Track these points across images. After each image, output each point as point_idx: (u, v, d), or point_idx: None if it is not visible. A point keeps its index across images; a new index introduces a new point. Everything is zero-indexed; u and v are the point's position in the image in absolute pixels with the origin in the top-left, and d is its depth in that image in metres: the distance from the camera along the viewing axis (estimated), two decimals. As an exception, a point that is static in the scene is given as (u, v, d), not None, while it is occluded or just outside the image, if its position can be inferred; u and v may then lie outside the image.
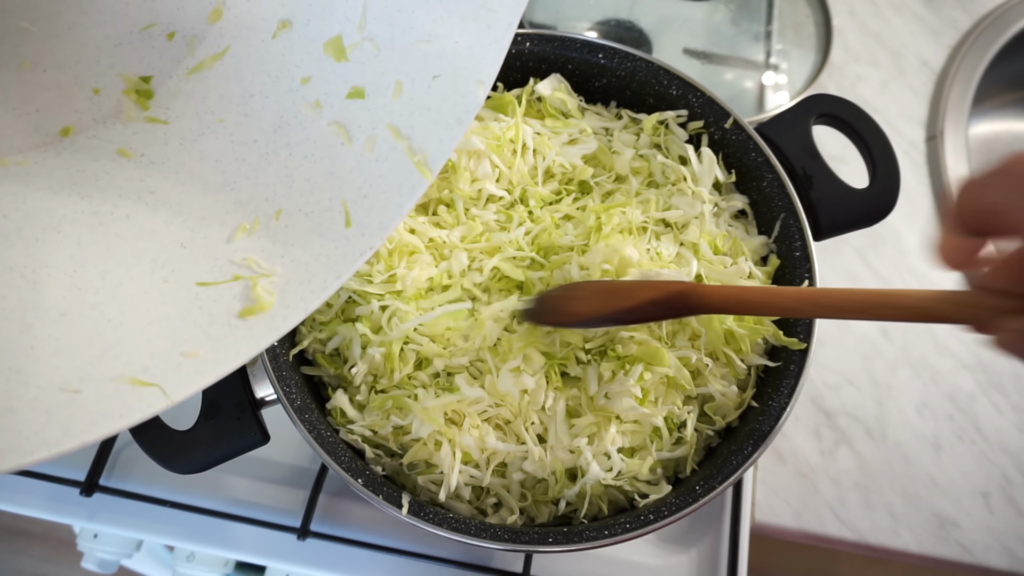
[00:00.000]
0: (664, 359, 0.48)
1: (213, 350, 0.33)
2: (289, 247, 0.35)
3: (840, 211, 0.54)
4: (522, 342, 0.49)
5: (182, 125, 0.37)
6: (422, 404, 0.48)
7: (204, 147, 0.36)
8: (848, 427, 0.68)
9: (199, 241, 0.35)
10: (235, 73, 0.37)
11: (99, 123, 0.36)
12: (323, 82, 0.37)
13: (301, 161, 0.36)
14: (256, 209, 0.36)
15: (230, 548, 0.60)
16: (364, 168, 0.36)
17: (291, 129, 0.37)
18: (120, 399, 0.31)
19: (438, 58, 0.35)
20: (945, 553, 0.64)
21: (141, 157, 0.36)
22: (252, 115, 0.37)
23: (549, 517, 0.50)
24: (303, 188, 0.36)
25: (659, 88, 0.58)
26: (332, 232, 0.35)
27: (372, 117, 0.36)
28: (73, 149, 0.35)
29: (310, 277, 0.35)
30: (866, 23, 0.90)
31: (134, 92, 0.36)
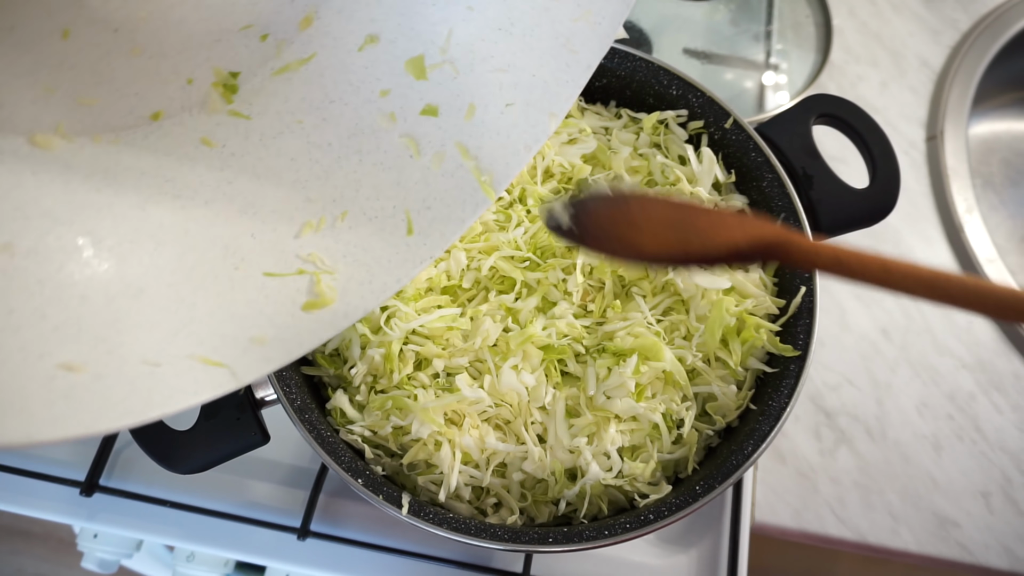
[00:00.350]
0: (660, 353, 0.48)
1: (278, 338, 0.35)
2: (352, 248, 0.37)
3: (840, 211, 0.54)
4: (520, 339, 0.49)
5: (263, 122, 0.38)
6: (422, 404, 0.48)
7: (282, 145, 0.38)
8: (848, 427, 0.68)
9: (268, 233, 0.37)
10: (318, 79, 0.39)
11: (186, 111, 0.37)
12: (400, 96, 0.38)
13: (370, 168, 0.38)
14: (324, 209, 0.38)
15: (230, 548, 0.60)
16: (429, 181, 0.38)
17: (364, 137, 0.38)
18: (193, 376, 0.33)
19: (513, 87, 0.37)
20: (945, 553, 0.64)
21: (222, 148, 0.37)
22: (330, 120, 0.39)
23: (549, 517, 0.50)
24: (369, 193, 0.38)
25: (659, 88, 0.58)
26: (394, 238, 0.37)
27: (442, 135, 0.38)
28: (160, 133, 0.37)
29: (371, 278, 0.36)
30: (866, 23, 0.90)
31: (222, 86, 0.38)
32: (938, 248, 0.78)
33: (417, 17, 0.38)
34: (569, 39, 0.36)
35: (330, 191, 0.38)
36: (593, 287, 0.53)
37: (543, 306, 0.52)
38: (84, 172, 0.35)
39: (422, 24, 0.38)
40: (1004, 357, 0.72)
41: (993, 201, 0.91)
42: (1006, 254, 0.82)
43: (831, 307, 0.74)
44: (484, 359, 0.50)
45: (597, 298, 0.52)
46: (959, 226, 0.77)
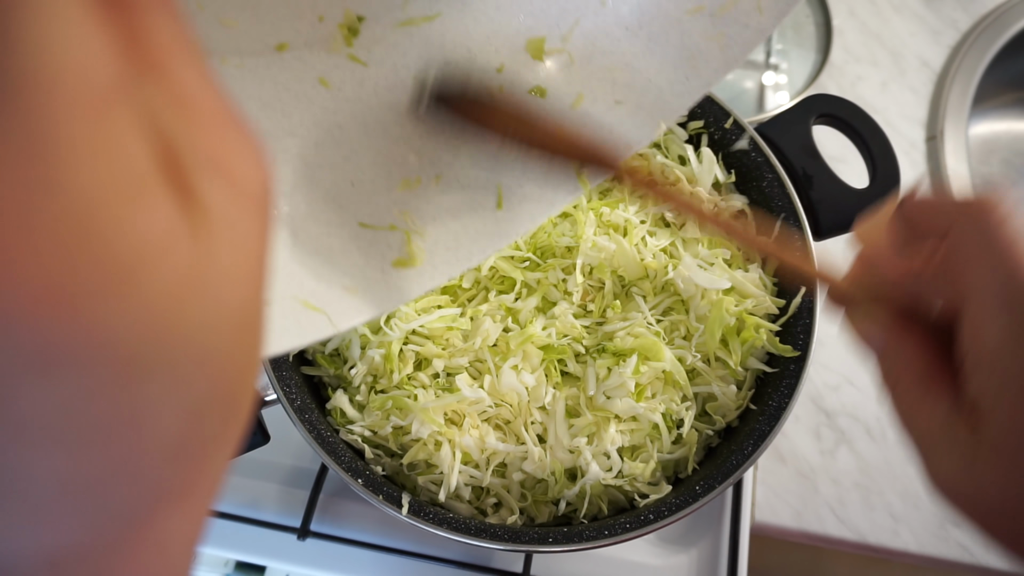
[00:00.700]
0: (660, 353, 0.48)
1: (368, 290, 0.35)
2: (443, 212, 0.38)
3: (840, 211, 0.54)
4: (520, 339, 0.49)
5: (379, 72, 0.38)
6: (422, 404, 0.48)
7: (393, 99, 0.38)
8: (848, 427, 0.68)
9: (367, 184, 0.37)
10: (439, 38, 0.39)
11: (308, 47, 0.37)
12: (513, 72, 0.39)
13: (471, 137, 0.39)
14: (421, 170, 0.38)
15: (230, 548, 0.60)
16: (525, 161, 0.38)
17: None
18: (297, 318, 0.33)
19: (626, 87, 0.37)
20: (945, 553, 0.64)
21: (338, 91, 0.38)
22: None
23: (549, 517, 0.50)
24: (466, 163, 0.38)
25: (659, 88, 0.58)
26: (484, 210, 0.38)
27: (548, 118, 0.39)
28: (281, 65, 0.37)
29: (457, 245, 0.37)
30: (866, 23, 0.90)
31: (346, 28, 0.38)
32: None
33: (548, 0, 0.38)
34: (695, 54, 0.36)
35: (429, 154, 0.38)
36: (593, 287, 0.53)
37: (543, 306, 0.52)
38: None
39: (551, 7, 0.38)
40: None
41: (993, 201, 0.91)
42: (1006, 254, 0.81)
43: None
44: (484, 359, 0.50)
45: (597, 298, 0.52)
46: (959, 226, 0.77)
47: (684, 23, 0.36)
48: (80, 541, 0.13)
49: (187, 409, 0.13)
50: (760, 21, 0.35)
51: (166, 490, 0.14)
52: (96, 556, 0.13)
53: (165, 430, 0.13)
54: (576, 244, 0.52)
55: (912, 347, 0.28)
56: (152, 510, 0.14)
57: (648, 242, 0.53)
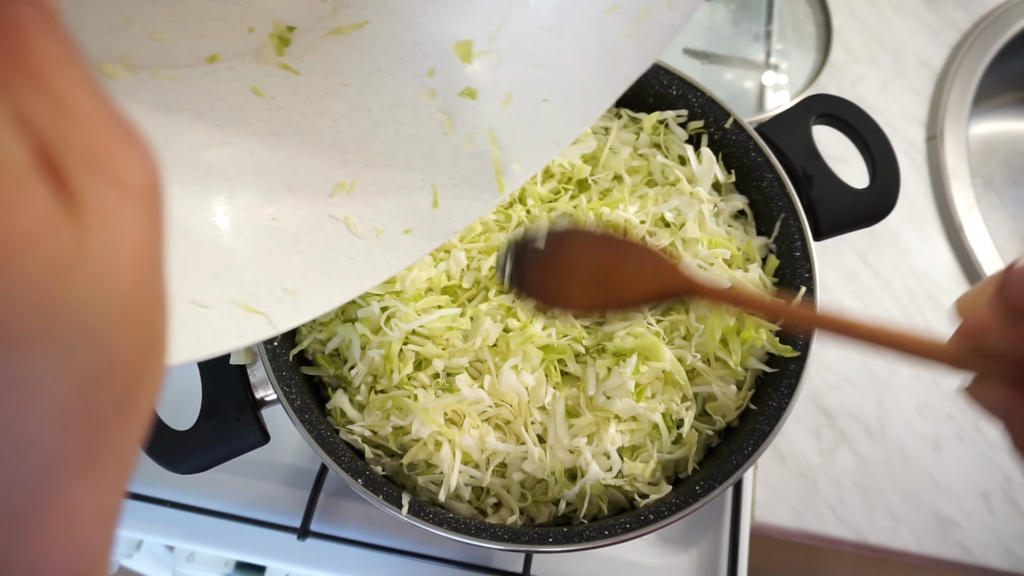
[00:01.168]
0: (660, 353, 0.48)
1: (309, 291, 0.36)
2: (380, 213, 0.38)
3: (840, 211, 0.54)
4: (520, 339, 0.49)
5: (311, 80, 0.39)
6: (422, 404, 0.48)
7: (326, 105, 0.39)
8: (848, 427, 0.68)
9: (304, 189, 0.38)
10: (369, 45, 0.40)
11: (240, 58, 0.38)
12: (443, 75, 0.40)
13: (405, 139, 0.40)
14: (357, 172, 0.39)
15: (230, 548, 0.60)
16: (459, 160, 0.39)
17: (404, 108, 0.40)
18: (236, 320, 0.34)
19: (552, 86, 0.38)
20: (945, 553, 0.64)
21: (271, 100, 0.39)
22: (374, 87, 0.40)
23: (549, 517, 0.50)
24: (401, 163, 0.39)
25: (659, 88, 0.58)
26: (420, 209, 0.38)
27: (477, 118, 0.39)
28: (214, 76, 0.38)
29: (395, 244, 0.38)
30: (866, 23, 0.90)
31: (277, 38, 0.39)
32: (938, 248, 0.78)
33: (473, 3, 0.39)
34: (614, 51, 0.37)
35: (365, 156, 0.39)
36: (593, 287, 0.53)
37: (543, 306, 0.52)
38: (146, 107, 0.35)
39: (476, 11, 0.39)
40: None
41: (993, 201, 0.91)
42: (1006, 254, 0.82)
43: (831, 307, 0.74)
44: (484, 359, 0.50)
45: (597, 298, 0.52)
46: (959, 226, 0.77)
47: (602, 22, 0.37)
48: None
49: (74, 380, 0.14)
50: (671, 17, 0.36)
51: (63, 459, 0.15)
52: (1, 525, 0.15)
53: (53, 399, 0.14)
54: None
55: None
56: (51, 479, 0.15)
57: (648, 242, 0.53)
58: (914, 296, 0.75)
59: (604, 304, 0.40)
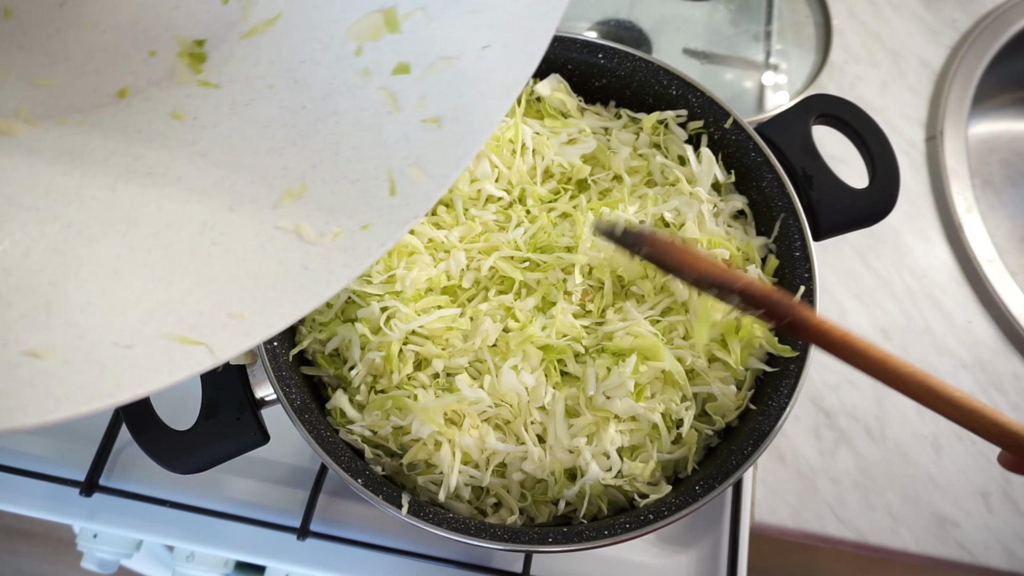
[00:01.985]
0: (660, 353, 0.48)
1: (258, 312, 0.34)
2: (334, 214, 0.36)
3: (840, 211, 0.54)
4: (519, 339, 0.49)
5: (234, 89, 0.37)
6: (422, 404, 0.48)
7: (255, 112, 0.37)
8: (848, 427, 0.69)
9: (247, 205, 0.36)
10: (287, 39, 0.37)
11: (154, 85, 0.36)
12: (373, 50, 0.37)
13: (348, 128, 0.37)
14: (303, 175, 0.36)
15: (230, 548, 0.60)
16: (411, 137, 0.36)
17: (340, 96, 0.37)
18: (170, 356, 0.32)
19: (489, 28, 0.36)
20: (945, 553, 0.64)
21: (194, 120, 0.36)
22: (302, 81, 0.37)
23: (549, 517, 0.50)
24: (350, 155, 0.36)
25: (659, 88, 0.58)
26: (377, 200, 0.36)
27: (420, 86, 0.36)
28: (129, 111, 0.36)
29: (353, 244, 0.35)
30: (866, 23, 0.90)
31: (188, 55, 0.37)
32: (937, 248, 0.78)
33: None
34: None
35: (308, 156, 0.36)
36: (592, 287, 0.53)
37: (543, 306, 0.52)
38: (49, 155, 0.33)
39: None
40: (1004, 357, 0.72)
41: (992, 201, 0.91)
42: (1005, 254, 0.82)
43: (831, 307, 0.74)
44: (484, 359, 0.50)
45: (596, 298, 0.52)
46: (959, 226, 0.77)
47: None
48: None
49: None
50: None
51: None
52: None
53: None
54: (575, 244, 0.52)
55: None
56: None
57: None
58: (913, 296, 0.75)
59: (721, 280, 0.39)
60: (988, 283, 0.74)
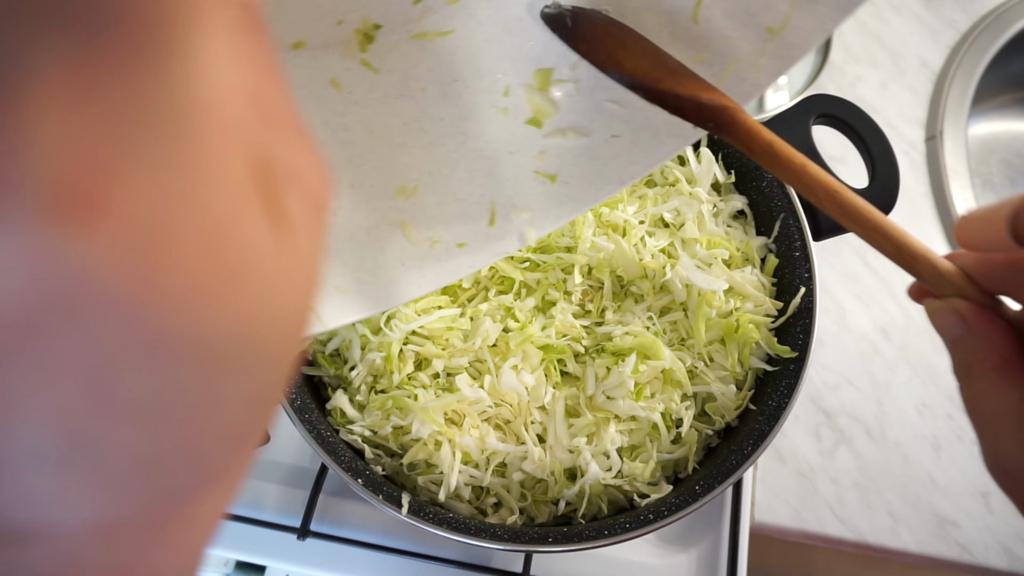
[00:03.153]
0: (659, 352, 0.48)
1: (358, 292, 0.36)
2: (436, 223, 0.38)
3: (839, 211, 0.54)
4: (519, 339, 0.49)
5: (389, 80, 0.39)
6: (422, 404, 0.48)
7: (400, 107, 0.39)
8: (848, 427, 0.69)
9: (366, 188, 0.38)
10: (450, 55, 0.40)
11: (324, 48, 0.38)
12: (517, 96, 0.40)
13: (470, 152, 0.39)
14: (419, 178, 0.39)
15: (230, 548, 0.60)
16: (520, 181, 0.39)
17: (474, 122, 0.40)
18: None
19: (624, 123, 0.38)
20: (944, 553, 0.64)
21: (348, 94, 0.38)
22: (449, 96, 0.40)
23: (549, 517, 0.50)
24: (463, 176, 0.39)
25: (659, 88, 0.58)
26: (476, 225, 0.38)
27: (544, 142, 0.39)
28: (297, 62, 0.37)
29: (447, 256, 0.38)
30: (866, 23, 0.90)
31: (362, 34, 0.39)
32: (937, 248, 0.78)
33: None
34: None
35: (430, 163, 0.39)
36: (592, 287, 0.53)
37: (543, 306, 0.52)
38: None
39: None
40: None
41: (992, 201, 0.91)
42: (1005, 254, 0.82)
43: (831, 307, 0.74)
44: (484, 359, 0.50)
45: (596, 298, 0.52)
46: (958, 226, 0.77)
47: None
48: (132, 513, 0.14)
49: (249, 399, 0.14)
50: (757, 77, 0.35)
51: (213, 473, 0.15)
52: (140, 529, 0.14)
53: (229, 418, 0.14)
54: (575, 244, 0.52)
55: (995, 336, 0.29)
56: (196, 492, 0.15)
57: (647, 242, 0.53)
58: (913, 296, 0.75)
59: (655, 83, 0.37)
60: (988, 283, 0.74)
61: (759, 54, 0.35)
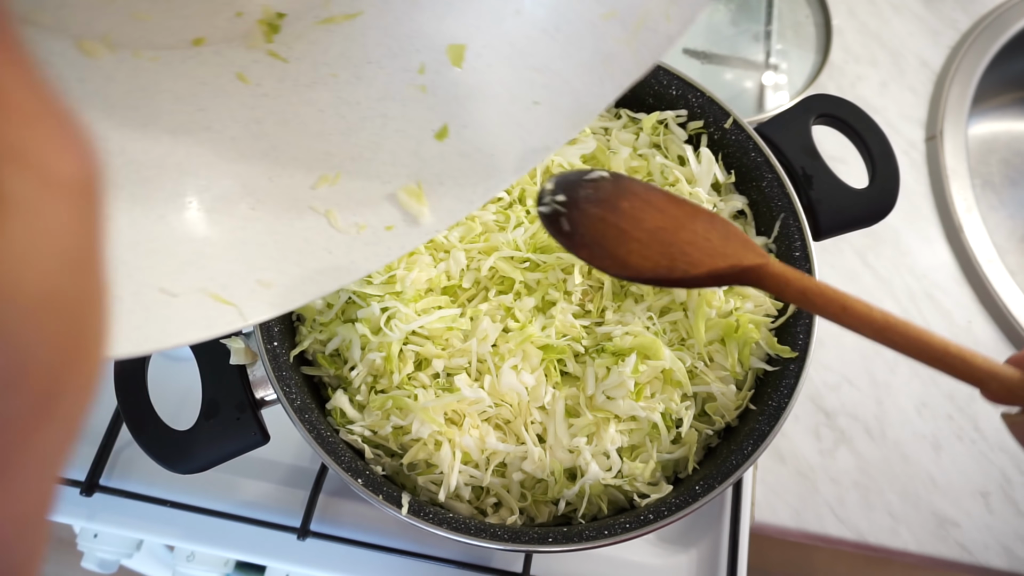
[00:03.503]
0: (659, 352, 0.48)
1: (283, 284, 0.35)
2: (362, 208, 0.38)
3: (840, 211, 0.54)
4: (519, 339, 0.49)
5: (299, 68, 0.39)
6: (422, 404, 0.48)
7: (313, 95, 0.39)
8: (848, 427, 0.69)
9: (286, 179, 0.37)
10: (360, 37, 0.39)
11: (226, 42, 0.38)
12: (434, 72, 0.39)
13: (392, 134, 0.39)
14: (341, 165, 0.38)
15: (230, 548, 0.60)
16: (446, 157, 0.38)
17: (393, 103, 0.39)
18: (205, 311, 0.33)
19: (544, 89, 0.38)
20: (944, 553, 0.64)
21: (256, 87, 0.38)
22: (363, 79, 0.39)
23: (549, 517, 0.50)
24: (387, 159, 0.38)
25: (659, 88, 0.58)
26: (404, 206, 0.38)
27: (466, 115, 0.39)
28: (199, 60, 0.37)
29: (376, 241, 0.37)
30: (866, 23, 0.90)
31: (266, 24, 0.38)
32: (937, 248, 0.78)
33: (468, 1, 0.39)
34: (609, 58, 0.36)
35: (350, 149, 0.38)
36: (592, 287, 0.53)
37: (542, 306, 0.52)
38: (124, 87, 0.34)
39: (471, 9, 0.39)
40: (1004, 357, 0.72)
41: (992, 201, 0.91)
42: (1005, 254, 0.82)
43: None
44: (484, 359, 0.50)
45: (596, 298, 0.52)
46: (958, 226, 0.77)
47: (598, 27, 0.37)
48: None
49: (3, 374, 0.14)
50: (668, 27, 0.35)
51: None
52: None
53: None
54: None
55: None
56: None
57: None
58: (913, 296, 0.75)
59: (668, 273, 0.36)
60: (988, 283, 0.74)
61: (668, 3, 0.35)
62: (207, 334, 0.32)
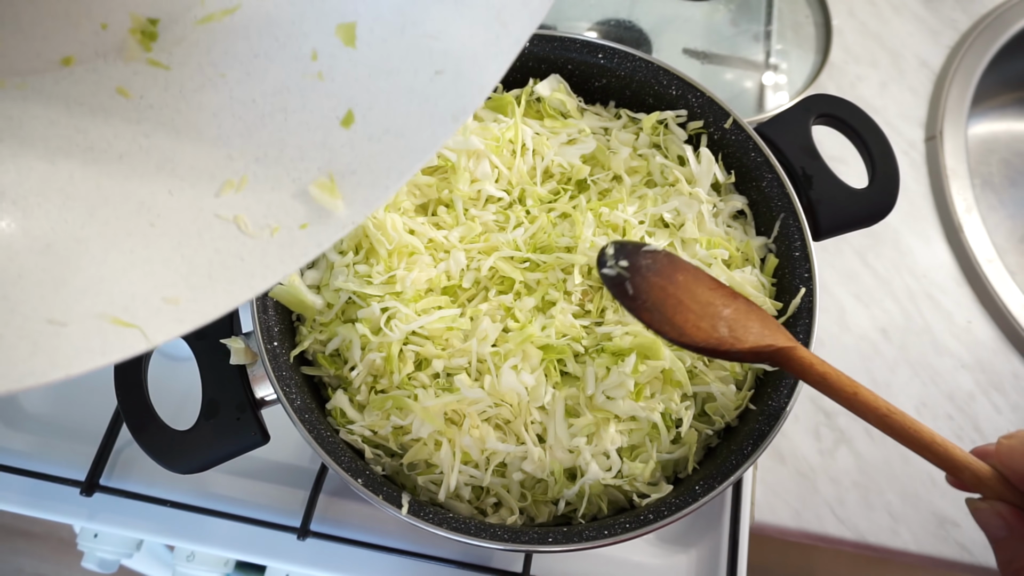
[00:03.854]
0: (659, 351, 0.48)
1: (193, 299, 0.34)
2: (274, 209, 0.36)
3: (839, 211, 0.54)
4: (519, 339, 0.49)
5: (183, 73, 0.37)
6: (422, 404, 0.48)
7: (203, 99, 0.37)
8: (847, 427, 0.69)
9: (187, 191, 0.36)
10: (243, 31, 0.37)
11: (100, 57, 0.36)
12: (328, 56, 0.37)
13: (295, 128, 0.37)
14: (245, 168, 0.36)
15: (230, 548, 0.60)
16: (356, 145, 0.36)
17: (290, 95, 0.37)
18: (103, 337, 0.31)
19: (443, 55, 0.36)
20: (944, 553, 0.64)
21: (140, 99, 0.36)
22: (254, 75, 0.37)
23: (549, 517, 0.50)
24: (294, 154, 0.37)
25: (659, 88, 0.58)
26: (317, 201, 0.36)
27: (371, 98, 0.37)
28: (72, 80, 0.35)
29: (291, 241, 0.35)
30: (866, 23, 0.90)
31: (140, 32, 0.37)
32: (937, 248, 0.78)
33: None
34: (500, 11, 0.35)
35: (253, 150, 0.37)
36: (592, 287, 0.53)
37: (542, 306, 0.52)
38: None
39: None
40: (1003, 357, 0.72)
41: (992, 201, 0.91)
42: (1005, 254, 0.82)
43: (831, 307, 0.74)
44: (484, 359, 0.50)
45: (595, 298, 0.52)
46: (958, 226, 0.77)
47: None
48: None
49: None
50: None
51: None
52: None
53: None
54: (575, 244, 0.52)
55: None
56: None
57: (647, 242, 0.53)
58: (913, 296, 0.75)
59: (718, 344, 0.40)
60: (988, 283, 0.74)
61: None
62: (103, 360, 0.31)
